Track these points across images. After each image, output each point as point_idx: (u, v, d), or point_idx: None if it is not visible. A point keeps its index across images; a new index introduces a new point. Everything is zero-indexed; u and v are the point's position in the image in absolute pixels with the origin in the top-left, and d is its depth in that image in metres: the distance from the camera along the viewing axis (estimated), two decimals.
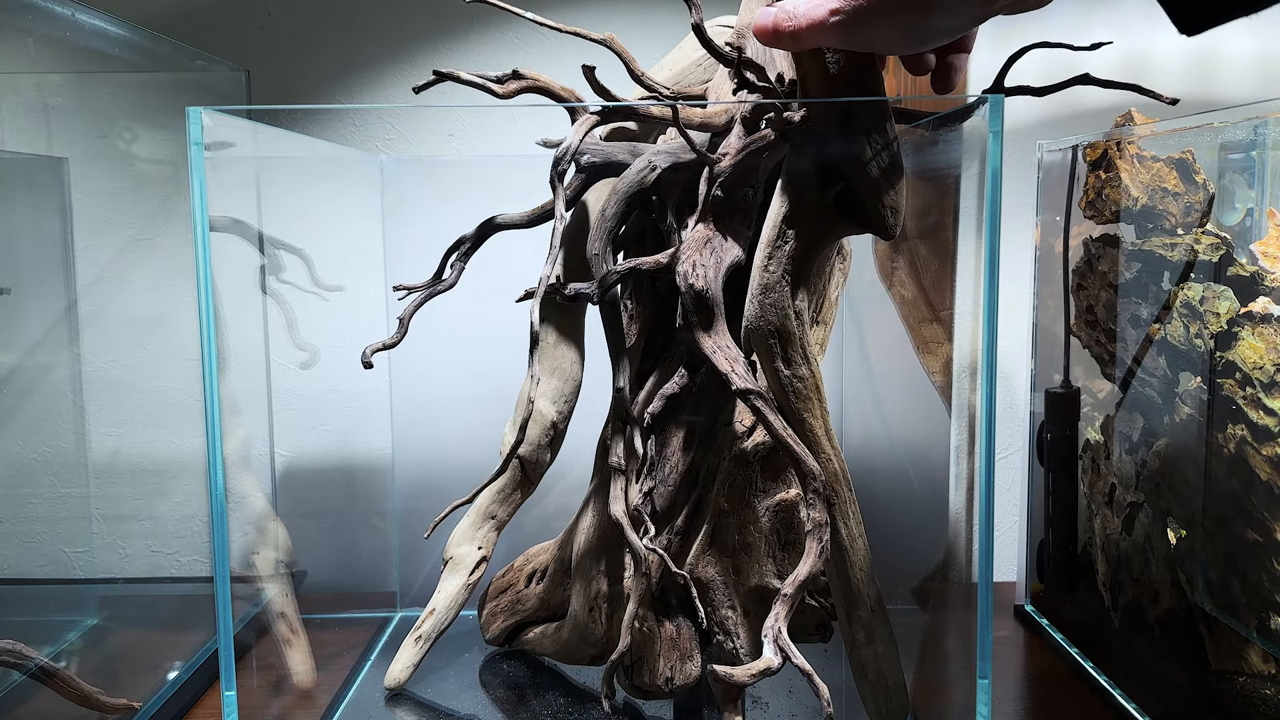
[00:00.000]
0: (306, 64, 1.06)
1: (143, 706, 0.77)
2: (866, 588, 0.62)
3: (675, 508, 0.70)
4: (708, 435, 0.69)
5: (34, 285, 0.90)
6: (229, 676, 0.61)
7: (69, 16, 0.80)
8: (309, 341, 0.93)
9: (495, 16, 1.05)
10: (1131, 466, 0.79)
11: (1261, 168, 0.68)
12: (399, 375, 0.94)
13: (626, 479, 0.66)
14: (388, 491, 0.99)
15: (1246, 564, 0.65)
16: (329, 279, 0.90)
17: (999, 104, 0.53)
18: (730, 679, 0.52)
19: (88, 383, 0.98)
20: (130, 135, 0.94)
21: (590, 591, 0.72)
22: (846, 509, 0.61)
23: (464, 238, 0.71)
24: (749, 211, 0.63)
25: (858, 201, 0.56)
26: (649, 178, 0.64)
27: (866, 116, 0.55)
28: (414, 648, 0.79)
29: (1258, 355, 0.64)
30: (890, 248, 0.82)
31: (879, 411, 0.86)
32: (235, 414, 0.80)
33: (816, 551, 0.55)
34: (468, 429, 0.93)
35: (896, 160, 0.56)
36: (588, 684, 0.80)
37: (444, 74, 0.58)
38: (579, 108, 0.64)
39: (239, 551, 0.83)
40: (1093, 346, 0.85)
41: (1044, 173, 0.92)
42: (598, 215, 0.66)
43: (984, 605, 0.57)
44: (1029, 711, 0.79)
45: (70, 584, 1.03)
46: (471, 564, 0.80)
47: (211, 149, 0.58)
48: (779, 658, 0.53)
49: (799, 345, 0.58)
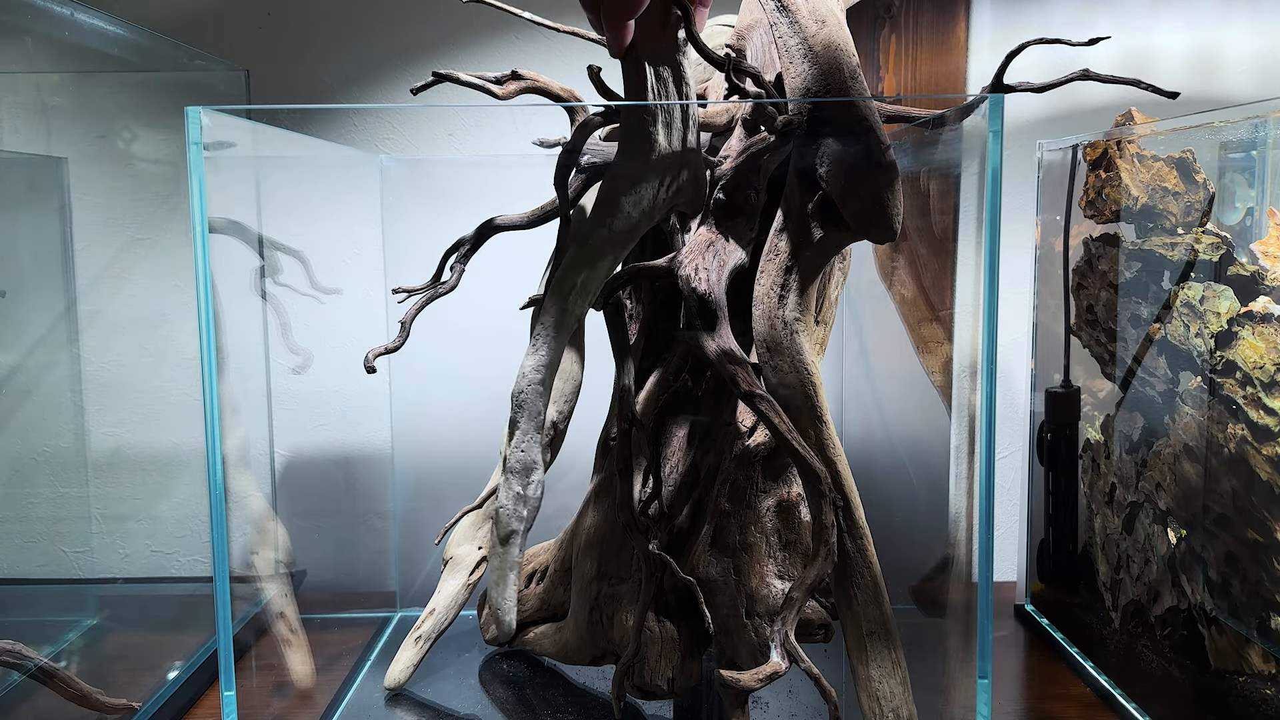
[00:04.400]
0: (306, 64, 1.06)
1: (142, 706, 0.76)
2: (864, 607, 0.60)
3: (676, 508, 0.70)
4: (708, 435, 0.69)
5: (33, 285, 0.90)
6: (228, 677, 0.61)
7: (68, 16, 0.80)
8: (303, 346, 0.93)
9: (494, 16, 1.04)
10: (1131, 466, 0.79)
11: (1262, 167, 0.68)
12: (399, 375, 0.94)
13: (630, 480, 0.66)
14: (387, 491, 0.99)
15: (1246, 564, 0.65)
16: (328, 279, 0.90)
17: (999, 103, 0.53)
18: (738, 684, 0.52)
19: (87, 382, 0.98)
20: (129, 135, 0.94)
21: (591, 592, 0.72)
22: (855, 515, 0.60)
23: (463, 239, 0.71)
24: (752, 214, 0.62)
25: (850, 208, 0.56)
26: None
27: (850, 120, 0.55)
28: (414, 648, 0.79)
29: (1258, 355, 0.64)
30: (890, 247, 0.82)
31: (879, 411, 0.86)
32: (234, 414, 0.80)
33: (824, 554, 0.55)
34: (467, 428, 0.93)
35: (890, 163, 0.55)
36: (588, 684, 0.80)
37: (443, 75, 0.58)
38: (578, 108, 0.63)
39: (238, 551, 0.83)
40: (1093, 346, 0.85)
41: (1044, 172, 0.92)
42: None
43: (984, 605, 0.57)
44: (1029, 711, 0.79)
45: (70, 584, 1.03)
46: (471, 564, 0.80)
47: (210, 149, 0.58)
48: (786, 661, 0.53)
49: (788, 355, 0.58)
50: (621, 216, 0.57)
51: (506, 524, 0.57)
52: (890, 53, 0.97)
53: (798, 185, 0.57)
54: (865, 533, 0.60)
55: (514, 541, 0.57)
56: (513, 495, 0.57)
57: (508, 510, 0.57)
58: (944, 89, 0.91)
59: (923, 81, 0.93)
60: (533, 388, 0.56)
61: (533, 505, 0.57)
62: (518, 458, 0.57)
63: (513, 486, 0.57)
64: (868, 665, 0.60)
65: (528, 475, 0.57)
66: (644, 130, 0.56)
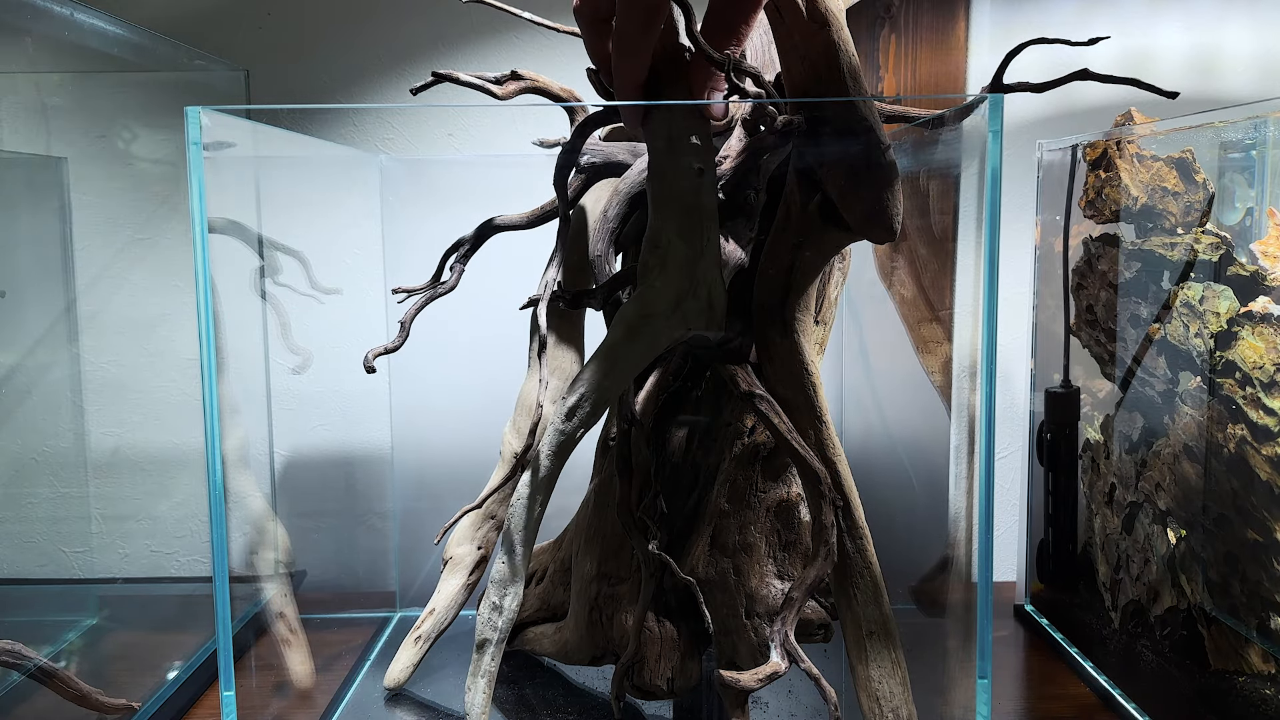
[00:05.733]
0: (306, 64, 1.06)
1: (142, 706, 0.76)
2: (864, 607, 0.60)
3: (676, 508, 0.70)
4: (708, 435, 0.69)
5: (33, 285, 0.90)
6: (228, 677, 0.61)
7: (67, 16, 0.80)
8: (302, 346, 0.93)
9: (494, 16, 1.04)
10: (1131, 466, 0.79)
11: (1261, 167, 0.68)
12: (398, 375, 0.94)
13: (630, 480, 0.66)
14: (387, 491, 0.99)
15: (1246, 564, 0.65)
16: (328, 278, 0.90)
17: (998, 103, 0.53)
18: (738, 684, 0.52)
19: (87, 382, 0.98)
20: (129, 135, 0.94)
21: (590, 592, 0.72)
22: (854, 515, 0.60)
23: (463, 239, 0.71)
24: (752, 214, 0.62)
25: (850, 208, 0.56)
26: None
27: (849, 120, 0.54)
28: (413, 648, 0.79)
29: (1258, 355, 0.64)
30: (890, 247, 0.82)
31: (879, 411, 0.86)
32: (234, 414, 0.80)
33: (824, 554, 0.55)
34: (467, 428, 0.93)
35: (890, 163, 0.55)
36: (588, 684, 0.80)
37: (442, 75, 0.58)
38: (578, 108, 0.63)
39: (238, 551, 0.83)
40: (1093, 346, 0.85)
41: (1044, 172, 0.92)
42: (599, 216, 0.66)
43: (984, 605, 0.57)
44: (1029, 711, 0.79)
45: (70, 584, 1.03)
46: (471, 564, 0.80)
47: (210, 149, 0.58)
48: (786, 661, 0.53)
49: (788, 355, 0.58)
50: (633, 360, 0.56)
51: (481, 632, 0.56)
52: (890, 53, 0.97)
53: (798, 185, 0.57)
54: (865, 533, 0.60)
55: (487, 650, 0.56)
56: (489, 605, 0.56)
57: (483, 619, 0.56)
58: (944, 89, 0.91)
59: (923, 81, 0.93)
60: (521, 503, 0.56)
61: (508, 617, 0.56)
62: (499, 569, 0.56)
63: (490, 596, 0.56)
64: (867, 665, 0.60)
65: (505, 588, 0.56)
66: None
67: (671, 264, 0.55)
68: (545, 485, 0.56)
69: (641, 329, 0.55)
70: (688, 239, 0.55)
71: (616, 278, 0.62)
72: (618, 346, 0.55)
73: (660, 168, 0.55)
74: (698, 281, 0.55)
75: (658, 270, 0.55)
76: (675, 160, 0.54)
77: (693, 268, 0.55)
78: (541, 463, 0.56)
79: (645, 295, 0.55)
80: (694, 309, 0.56)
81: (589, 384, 0.54)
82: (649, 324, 0.55)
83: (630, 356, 0.55)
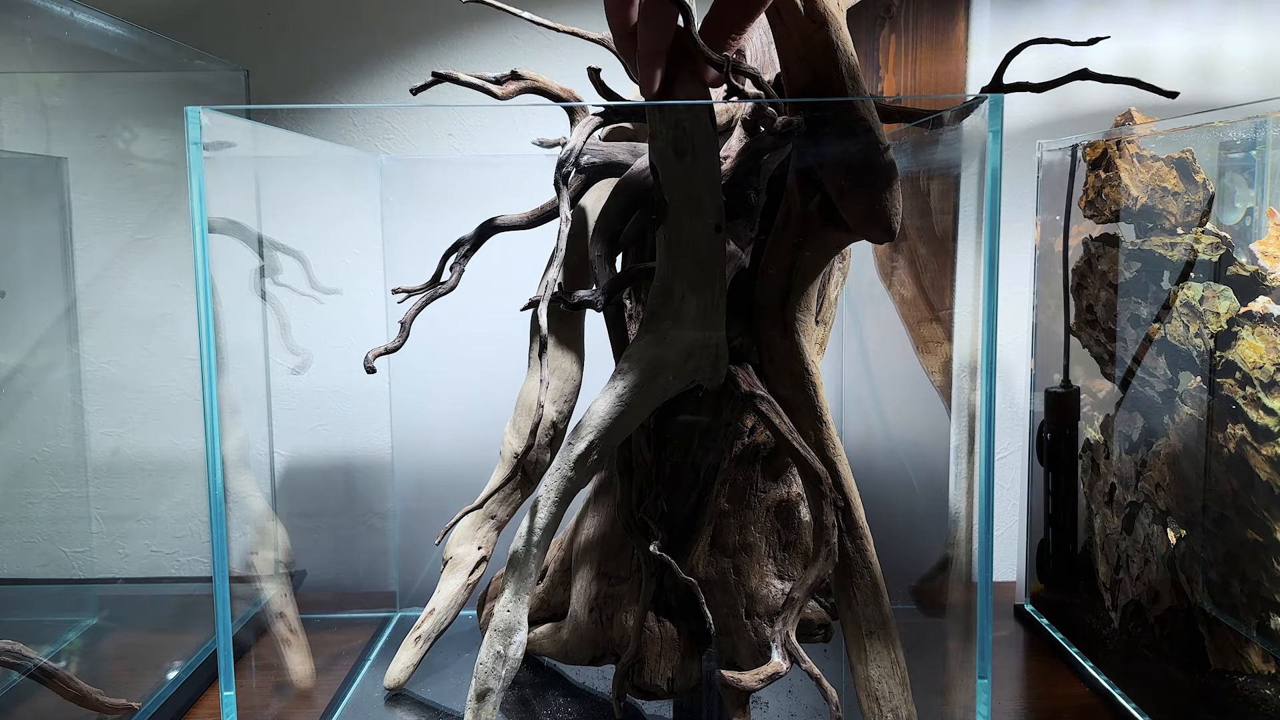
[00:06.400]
0: (306, 64, 1.06)
1: (142, 706, 0.76)
2: (864, 607, 0.60)
3: (676, 508, 0.70)
4: (708, 435, 0.69)
5: (33, 285, 0.90)
6: (228, 677, 0.61)
7: (67, 16, 0.80)
8: (302, 346, 0.93)
9: (494, 16, 1.04)
10: (1131, 466, 0.79)
11: (1261, 167, 0.68)
12: (398, 375, 0.94)
13: (630, 480, 0.66)
14: (387, 491, 0.99)
15: (1246, 564, 0.65)
16: (328, 278, 0.90)
17: (998, 103, 0.53)
18: (739, 684, 0.52)
19: (87, 383, 0.98)
20: (129, 135, 0.94)
21: (591, 592, 0.72)
22: (855, 515, 0.60)
23: (463, 239, 0.71)
24: (752, 214, 0.62)
25: (850, 208, 0.56)
26: (650, 178, 0.64)
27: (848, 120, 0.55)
28: (414, 648, 0.79)
29: (1257, 355, 0.64)
30: (890, 247, 0.82)
31: (879, 411, 0.86)
32: (234, 414, 0.80)
33: (824, 554, 0.55)
34: (467, 429, 0.93)
35: (889, 163, 0.55)
36: (588, 684, 0.80)
37: (442, 75, 0.58)
38: (578, 108, 0.63)
39: (238, 551, 0.83)
40: (1093, 346, 0.85)
41: (1044, 172, 0.92)
42: (599, 217, 0.66)
43: (984, 605, 0.57)
44: (1029, 711, 0.79)
45: (70, 584, 1.03)
46: (471, 564, 0.80)
47: (210, 149, 0.58)
48: (787, 661, 0.53)
49: (788, 355, 0.58)
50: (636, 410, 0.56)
51: (484, 681, 0.56)
52: (890, 53, 0.97)
53: (798, 185, 0.57)
54: (865, 533, 0.60)
55: (489, 700, 0.56)
56: (493, 654, 0.56)
57: (485, 668, 0.56)
58: (944, 89, 0.91)
59: (923, 82, 0.93)
60: (528, 549, 0.56)
61: (511, 665, 0.56)
62: (503, 617, 0.56)
63: (494, 645, 0.56)
64: (867, 665, 0.60)
65: (510, 636, 0.56)
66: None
67: (685, 319, 0.56)
68: (548, 532, 0.56)
69: (654, 378, 0.55)
70: (699, 293, 0.56)
71: (617, 278, 0.62)
72: (627, 395, 0.55)
73: (680, 221, 0.55)
74: (707, 336, 0.57)
75: (670, 322, 0.56)
76: (695, 219, 0.55)
77: (703, 321, 0.56)
78: (544, 507, 0.56)
79: (657, 345, 0.56)
80: (703, 362, 0.57)
81: (598, 431, 0.55)
82: (660, 375, 0.56)
83: (639, 405, 0.56)
